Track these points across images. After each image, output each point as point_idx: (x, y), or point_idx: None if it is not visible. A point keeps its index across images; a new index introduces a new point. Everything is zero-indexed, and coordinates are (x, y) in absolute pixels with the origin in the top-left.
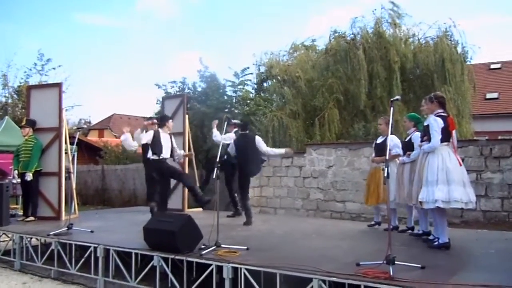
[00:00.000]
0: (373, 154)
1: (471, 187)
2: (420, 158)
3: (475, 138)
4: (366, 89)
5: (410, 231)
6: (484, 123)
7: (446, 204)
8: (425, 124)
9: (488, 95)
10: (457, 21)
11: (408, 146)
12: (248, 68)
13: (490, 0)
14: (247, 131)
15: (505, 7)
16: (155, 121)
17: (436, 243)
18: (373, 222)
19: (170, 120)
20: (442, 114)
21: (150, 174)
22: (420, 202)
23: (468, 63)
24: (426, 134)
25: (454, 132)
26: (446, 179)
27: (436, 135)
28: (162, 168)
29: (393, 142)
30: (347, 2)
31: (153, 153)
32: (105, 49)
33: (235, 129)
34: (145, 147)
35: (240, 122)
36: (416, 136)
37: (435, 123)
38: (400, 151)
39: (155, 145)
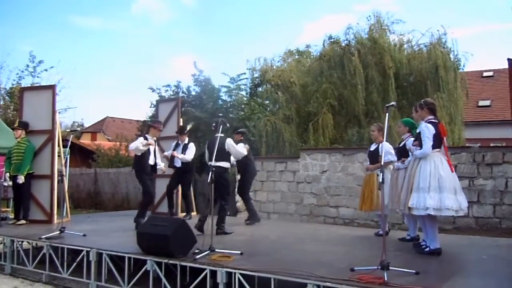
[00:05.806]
0: (368, 162)
1: (462, 194)
2: (411, 164)
3: (467, 145)
4: (364, 94)
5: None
6: (477, 130)
7: (437, 211)
8: (418, 131)
9: (481, 103)
10: (449, 29)
11: (402, 152)
12: (244, 73)
13: (482, 9)
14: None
15: (497, 15)
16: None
17: (427, 249)
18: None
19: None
20: (433, 120)
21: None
22: (409, 208)
23: (461, 70)
24: (417, 140)
25: (445, 138)
26: (438, 186)
27: (428, 142)
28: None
29: (385, 149)
30: (340, 9)
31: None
32: (99, 52)
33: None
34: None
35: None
36: (410, 141)
37: (427, 130)
38: (393, 158)
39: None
